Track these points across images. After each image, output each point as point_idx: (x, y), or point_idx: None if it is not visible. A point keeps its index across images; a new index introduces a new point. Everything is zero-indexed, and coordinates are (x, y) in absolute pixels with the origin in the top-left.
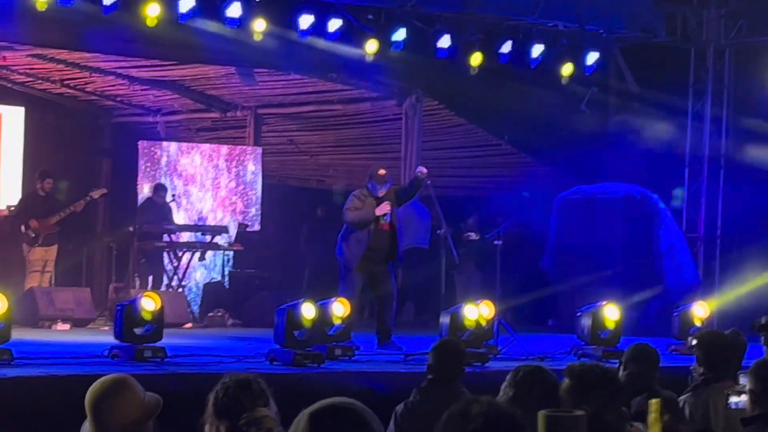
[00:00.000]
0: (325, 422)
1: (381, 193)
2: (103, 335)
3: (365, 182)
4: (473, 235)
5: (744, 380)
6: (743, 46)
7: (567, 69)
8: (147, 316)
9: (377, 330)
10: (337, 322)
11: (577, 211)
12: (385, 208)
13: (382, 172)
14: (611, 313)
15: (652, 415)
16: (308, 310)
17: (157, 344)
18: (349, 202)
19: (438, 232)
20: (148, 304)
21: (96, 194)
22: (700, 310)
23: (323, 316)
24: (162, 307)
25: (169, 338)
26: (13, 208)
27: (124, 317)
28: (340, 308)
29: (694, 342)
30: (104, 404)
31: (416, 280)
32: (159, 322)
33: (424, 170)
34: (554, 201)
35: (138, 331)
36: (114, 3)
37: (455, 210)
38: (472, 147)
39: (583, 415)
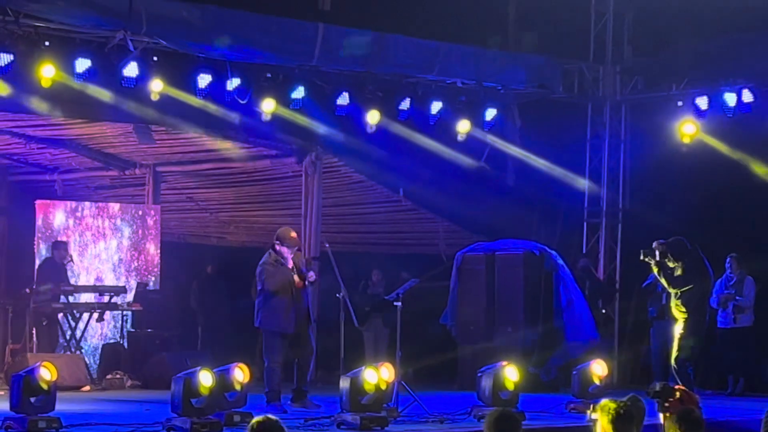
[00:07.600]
0: None
1: (291, 255)
2: None
3: (274, 245)
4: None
5: None
6: (639, 101)
7: (465, 125)
8: (44, 386)
9: (296, 389)
10: (237, 388)
11: (476, 267)
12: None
13: (293, 234)
14: (511, 374)
15: None
16: (205, 378)
17: (52, 414)
18: (263, 273)
19: (336, 295)
20: (46, 374)
21: None
22: (599, 368)
23: (223, 383)
24: (56, 378)
25: (65, 404)
26: None
27: (22, 387)
28: (240, 374)
29: (594, 416)
30: None
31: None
32: (53, 391)
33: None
34: (454, 257)
35: (33, 401)
36: (8, 64)
37: (358, 267)
38: (372, 203)
39: None
